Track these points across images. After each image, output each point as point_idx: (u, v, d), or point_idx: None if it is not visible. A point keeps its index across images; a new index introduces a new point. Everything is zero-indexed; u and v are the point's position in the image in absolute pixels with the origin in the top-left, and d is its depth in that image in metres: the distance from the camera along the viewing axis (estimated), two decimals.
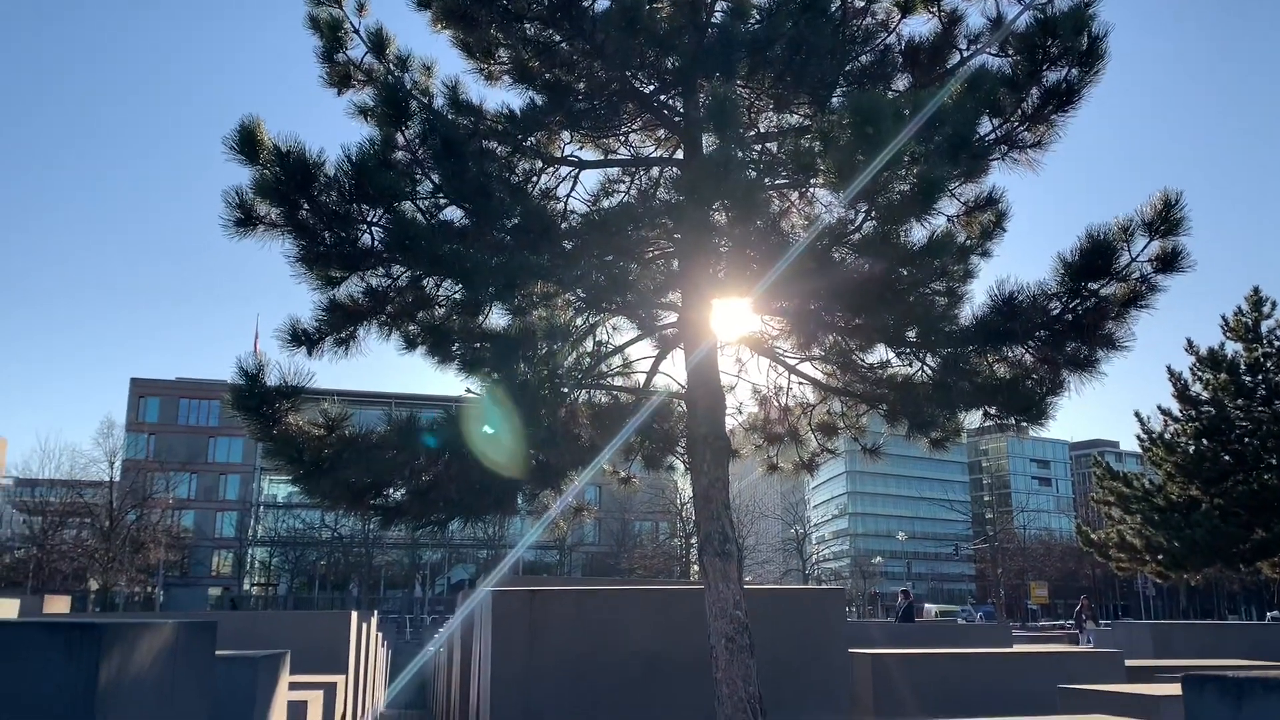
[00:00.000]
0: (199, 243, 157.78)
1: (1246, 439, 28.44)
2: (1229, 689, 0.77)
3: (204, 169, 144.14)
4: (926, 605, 69.49)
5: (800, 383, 8.14)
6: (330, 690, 6.61)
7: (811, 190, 6.99)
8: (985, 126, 6.08)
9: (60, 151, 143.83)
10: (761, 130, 7.23)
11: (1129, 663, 8.87)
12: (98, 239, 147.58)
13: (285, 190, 5.85)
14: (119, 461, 68.52)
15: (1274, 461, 27.84)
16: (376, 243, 6.12)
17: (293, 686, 5.31)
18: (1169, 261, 5.92)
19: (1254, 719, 0.73)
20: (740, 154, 6.15)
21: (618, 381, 7.95)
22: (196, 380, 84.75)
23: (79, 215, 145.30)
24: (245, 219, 6.04)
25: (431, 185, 6.36)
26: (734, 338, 7.70)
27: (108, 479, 66.40)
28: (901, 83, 6.90)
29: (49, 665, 1.74)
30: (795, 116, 7.18)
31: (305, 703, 5.13)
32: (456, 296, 6.73)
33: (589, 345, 7.72)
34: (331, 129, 7.33)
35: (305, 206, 5.96)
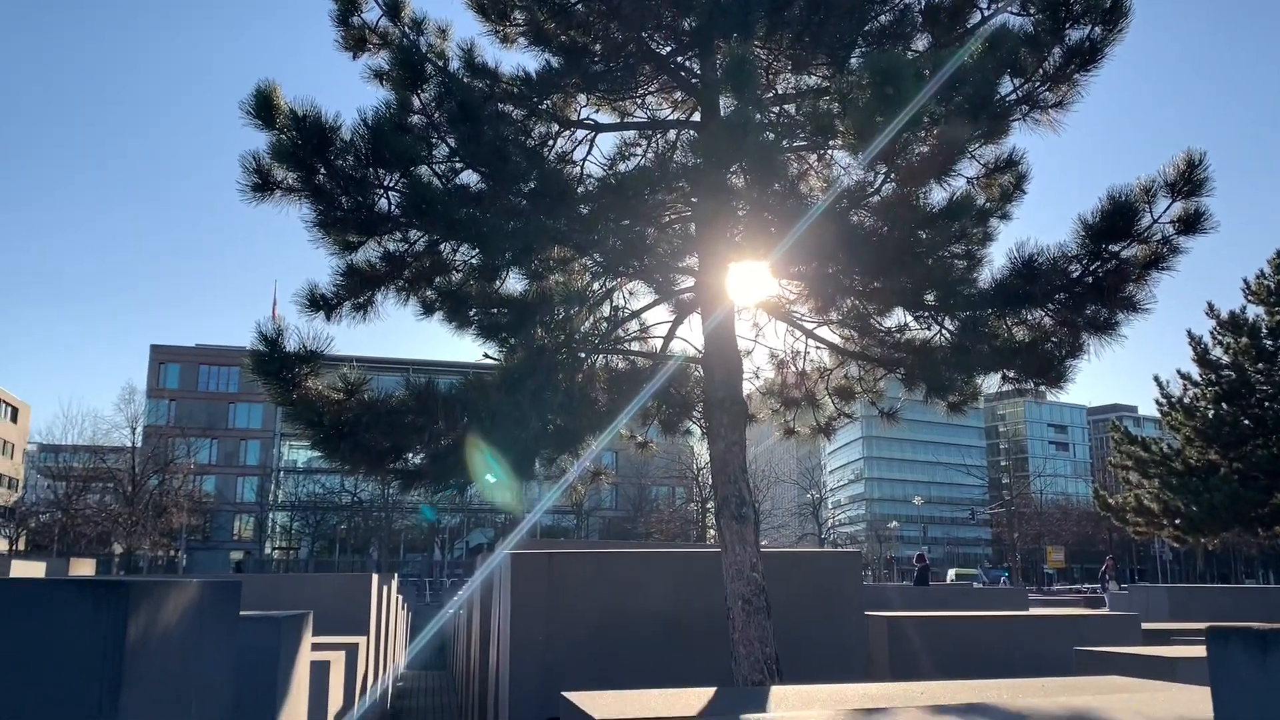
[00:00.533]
0: (217, 209, 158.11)
1: (1267, 403, 28.24)
2: (1254, 641, 0.77)
3: (224, 134, 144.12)
4: (949, 570, 69.84)
5: (817, 347, 8.13)
6: (352, 651, 6.70)
7: (830, 152, 6.93)
8: (1006, 86, 6.00)
9: (80, 117, 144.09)
10: (779, 92, 7.16)
11: (1146, 626, 8.88)
12: (117, 206, 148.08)
13: (301, 155, 5.85)
14: (140, 427, 69.20)
15: None
16: (393, 207, 6.11)
17: (315, 647, 5.38)
18: (1191, 223, 5.85)
19: (1279, 670, 0.74)
20: (758, 116, 6.10)
21: (634, 346, 7.95)
22: (216, 346, 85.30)
23: (99, 182, 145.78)
24: (262, 184, 6.04)
25: (447, 149, 6.34)
26: (751, 302, 7.69)
27: (129, 445, 67.11)
28: (921, 42, 6.81)
29: (79, 621, 1.77)
30: (813, 78, 7.10)
31: (328, 663, 5.20)
32: (473, 261, 6.73)
33: (606, 310, 7.72)
34: (348, 93, 7.31)
35: (322, 171, 5.95)
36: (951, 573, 70.17)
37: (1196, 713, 2.55)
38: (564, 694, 4.18)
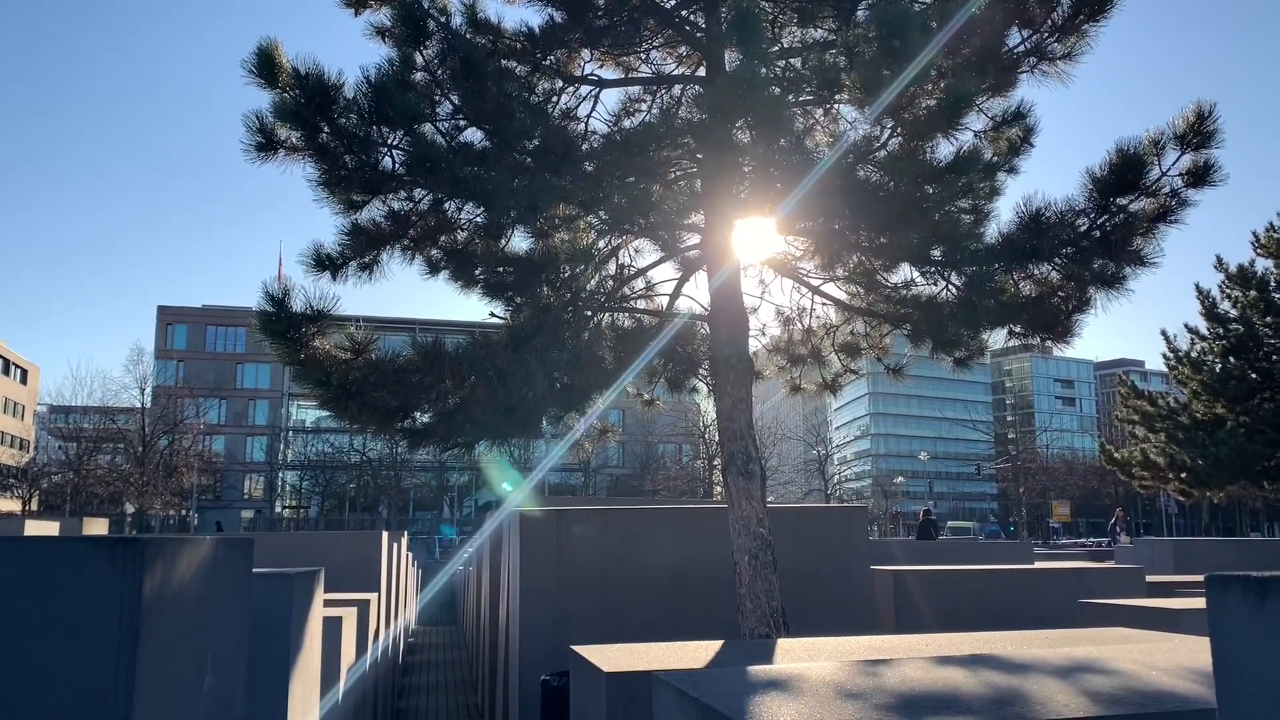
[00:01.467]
0: (223, 169, 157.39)
1: (1275, 356, 28.18)
2: (1253, 588, 0.78)
3: (229, 93, 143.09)
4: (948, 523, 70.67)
5: (824, 303, 8.12)
6: (364, 607, 6.78)
7: (836, 107, 6.88)
8: (1014, 38, 5.94)
9: (85, 79, 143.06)
10: (785, 45, 7.09)
11: (1150, 578, 8.93)
12: (123, 168, 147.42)
13: (305, 113, 5.82)
14: (149, 388, 69.52)
15: None
16: (397, 165, 6.09)
17: (327, 604, 5.45)
18: (1200, 175, 5.81)
19: (1277, 616, 0.75)
20: (764, 70, 6.05)
21: (640, 304, 7.95)
22: (223, 307, 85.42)
23: (105, 144, 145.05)
24: (266, 143, 6.02)
25: (451, 106, 6.30)
26: (757, 259, 7.67)
27: (139, 405, 67.48)
28: None
29: (95, 579, 1.79)
30: (820, 31, 7.03)
31: (340, 619, 5.26)
32: (478, 220, 6.71)
33: (612, 268, 7.71)
34: (350, 50, 7.25)
35: (325, 130, 5.93)
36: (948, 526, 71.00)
37: (1198, 663, 2.58)
38: (573, 648, 4.24)
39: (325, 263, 6.47)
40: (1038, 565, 10.58)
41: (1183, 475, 28.59)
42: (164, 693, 1.99)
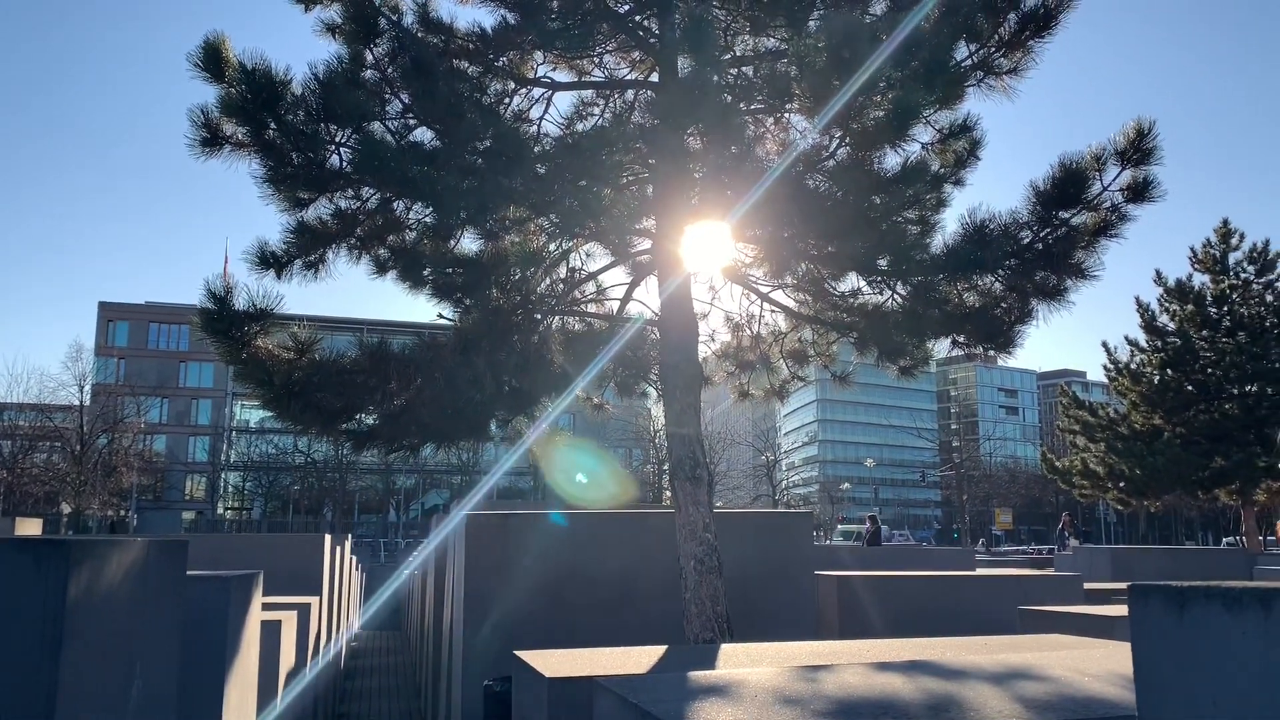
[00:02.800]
0: (168, 164, 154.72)
1: (1210, 369, 28.89)
2: (1173, 597, 0.80)
3: (174, 87, 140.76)
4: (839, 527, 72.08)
5: (773, 310, 8.17)
6: (304, 611, 6.68)
7: (787, 116, 6.92)
8: (962, 52, 6.03)
9: (26, 69, 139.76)
10: (737, 54, 7.13)
11: (1088, 585, 9.10)
12: (64, 160, 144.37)
13: (251, 109, 5.73)
14: (88, 386, 68.01)
15: (1235, 392, 28.36)
16: (345, 164, 6.02)
17: (266, 607, 5.36)
18: (1140, 191, 5.93)
19: (1195, 624, 0.76)
20: (716, 77, 6.08)
21: (591, 308, 7.94)
22: (167, 304, 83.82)
23: (45, 135, 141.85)
24: (211, 138, 5.92)
25: (401, 105, 6.24)
26: (708, 265, 7.69)
27: (77, 403, 65.96)
28: (879, 6, 6.81)
29: (19, 580, 1.74)
30: (772, 40, 7.08)
31: (279, 622, 5.18)
32: (427, 220, 6.66)
33: (562, 271, 7.69)
34: (299, 47, 7.16)
35: (272, 126, 5.84)
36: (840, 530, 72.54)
37: (1130, 669, 2.63)
38: (516, 653, 4.21)
39: (270, 261, 6.38)
40: (979, 572, 10.73)
41: (1121, 484, 29.20)
42: (89, 697, 1.94)
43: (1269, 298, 29.50)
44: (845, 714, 2.09)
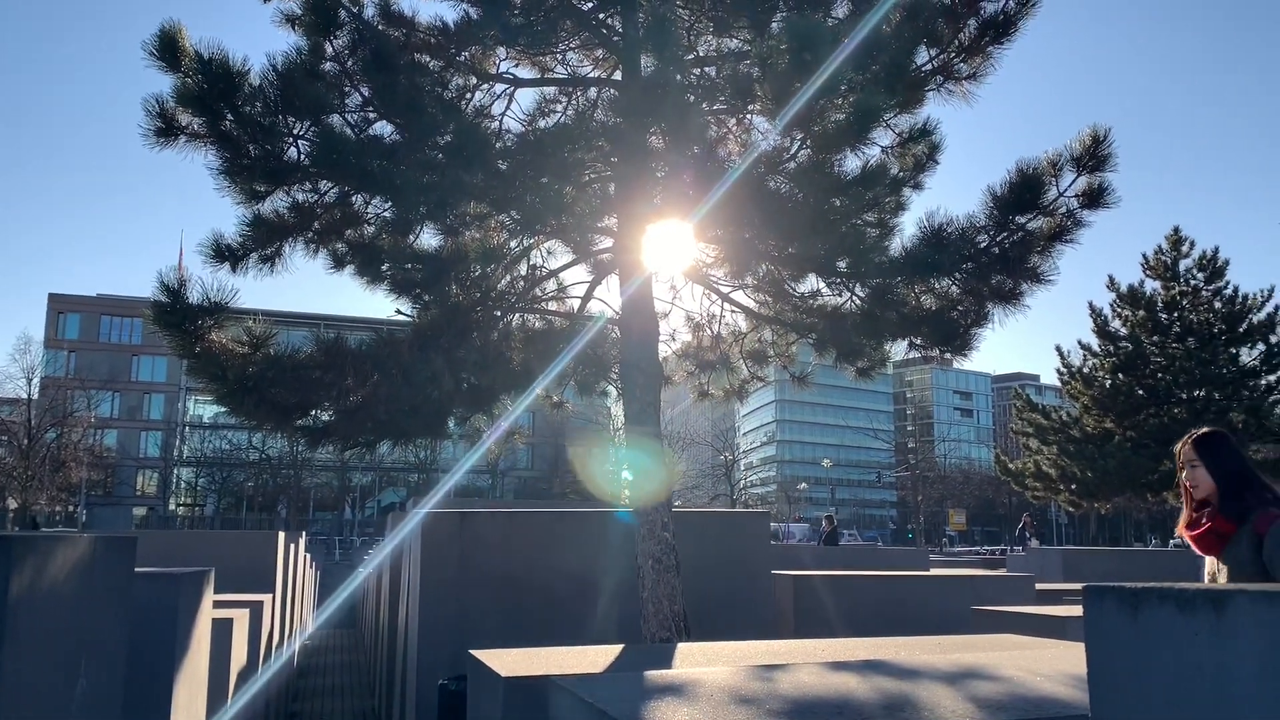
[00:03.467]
0: (121, 153, 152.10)
1: (1160, 374, 29.44)
2: (1126, 598, 0.81)
3: (129, 76, 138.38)
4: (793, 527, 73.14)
5: (733, 311, 8.19)
6: (257, 609, 6.59)
7: (749, 117, 6.94)
8: (922, 56, 6.08)
9: None
10: (700, 54, 7.13)
11: (1040, 586, 9.22)
12: (13, 149, 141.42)
13: (208, 99, 5.64)
14: (37, 379, 66.64)
15: (1184, 396, 28.93)
16: (303, 156, 5.95)
17: (218, 605, 5.28)
18: (1095, 197, 6.02)
19: (1149, 625, 0.77)
20: (678, 77, 6.08)
21: (552, 306, 7.90)
22: (119, 297, 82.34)
23: None
24: (166, 129, 5.82)
25: (361, 99, 6.18)
26: (669, 264, 7.69)
27: (25, 396, 64.61)
28: (842, 9, 6.85)
29: None
30: (735, 41, 7.09)
31: (231, 621, 5.11)
32: (386, 214, 6.59)
33: (523, 268, 7.65)
34: (258, 38, 7.06)
35: (229, 117, 5.75)
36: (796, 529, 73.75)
37: (1080, 669, 2.67)
38: (471, 652, 4.18)
39: (225, 254, 6.28)
40: (934, 572, 10.84)
41: (1073, 486, 29.66)
42: (32, 696, 1.89)
43: (1217, 304, 30.11)
44: (801, 714, 2.09)
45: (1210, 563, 4.07)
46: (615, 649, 4.25)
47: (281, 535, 9.88)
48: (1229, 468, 4.05)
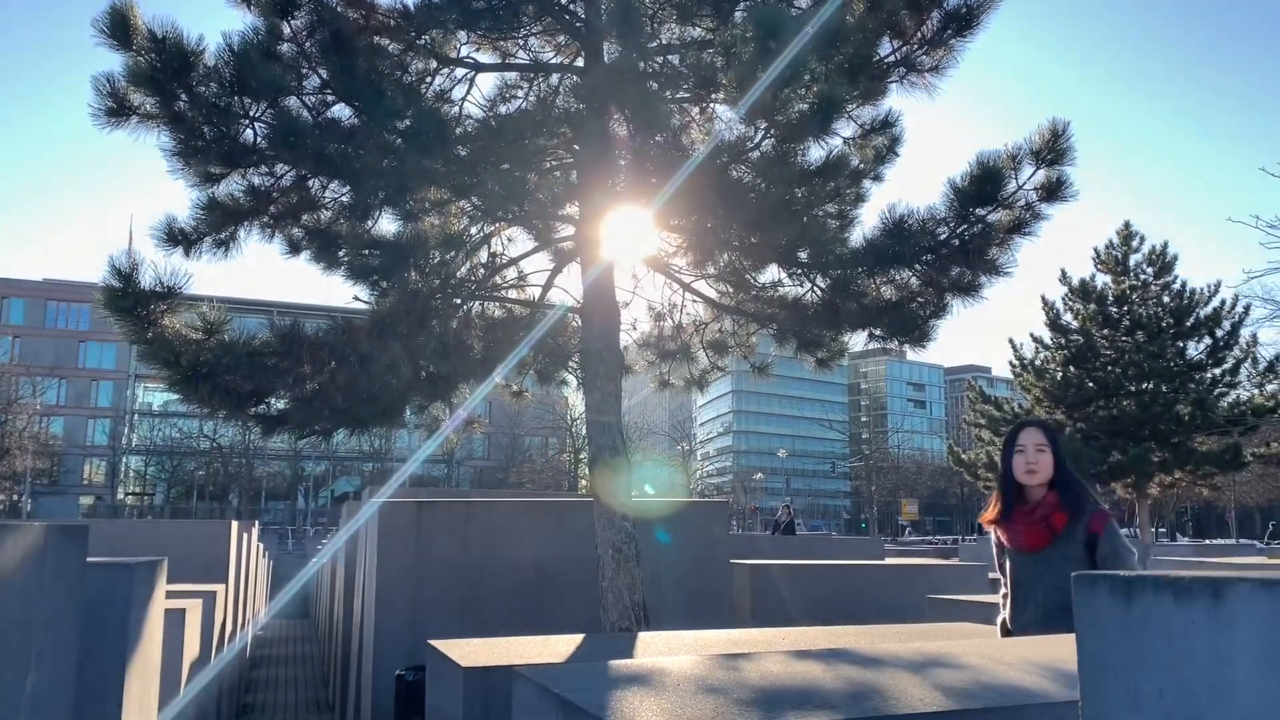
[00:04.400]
0: (69, 133, 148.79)
1: (1110, 367, 29.98)
2: (1119, 587, 0.80)
3: (76, 54, 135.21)
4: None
5: (694, 300, 8.18)
6: (210, 599, 6.48)
7: (712, 106, 6.92)
8: (885, 48, 6.10)
9: None
10: (664, 41, 7.10)
11: (992, 575, 9.35)
12: None
13: (161, 79, 5.51)
14: None
15: (1133, 389, 29.50)
16: (259, 139, 5.83)
17: (170, 595, 5.18)
18: (1054, 190, 6.08)
19: (1143, 613, 0.77)
20: (642, 64, 6.05)
21: (512, 294, 7.85)
22: (66, 281, 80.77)
23: None
24: (118, 109, 5.68)
25: (319, 81, 6.06)
26: (631, 253, 7.67)
27: None
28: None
29: None
30: (698, 29, 7.07)
31: (183, 611, 5.01)
32: (344, 199, 6.49)
33: (483, 256, 7.58)
34: (213, 18, 6.91)
35: (182, 97, 5.63)
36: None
37: (1040, 657, 2.69)
38: (430, 642, 4.14)
39: (178, 237, 6.16)
40: (889, 561, 10.95)
41: None
42: None
43: (1166, 299, 30.71)
44: (768, 702, 2.08)
45: (1017, 557, 4.00)
46: (576, 638, 4.23)
47: (234, 524, 9.74)
48: (1065, 459, 4.01)
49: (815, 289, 7.08)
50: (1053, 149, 5.93)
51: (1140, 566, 3.71)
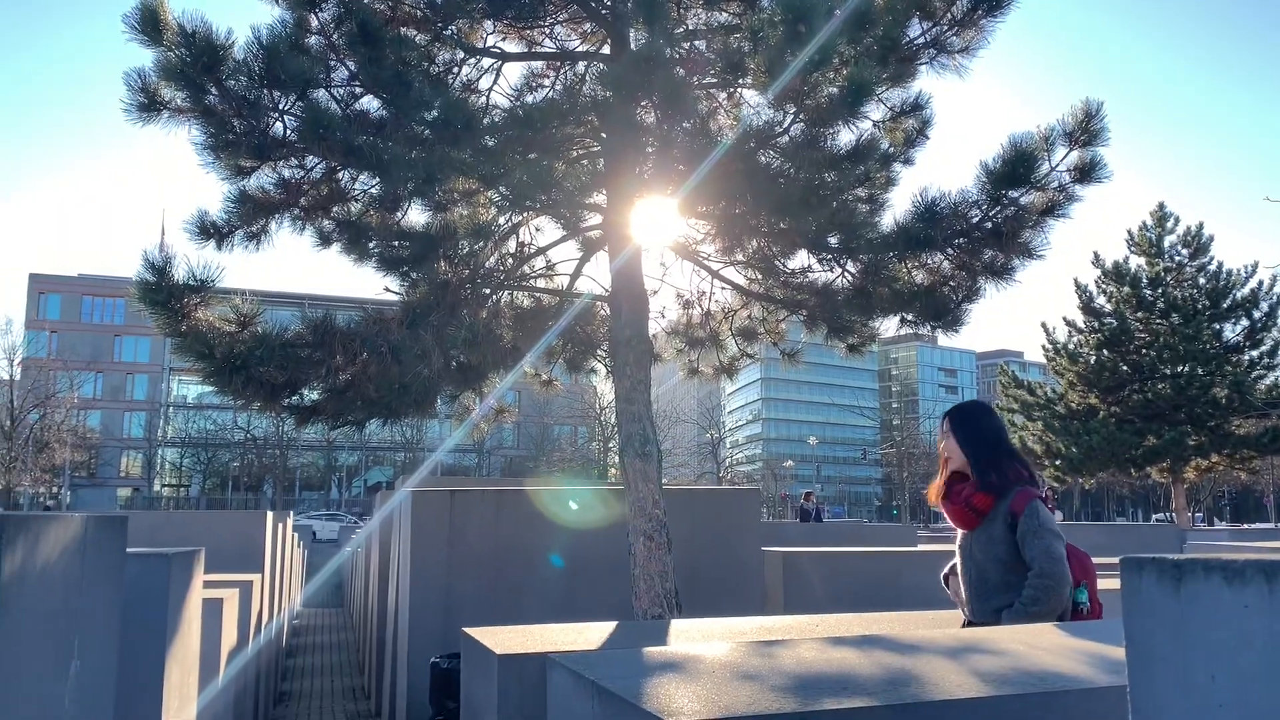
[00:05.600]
0: (103, 130, 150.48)
1: (1144, 350, 29.61)
2: (1168, 570, 0.79)
3: (110, 50, 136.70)
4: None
5: (723, 287, 8.16)
6: (246, 589, 6.55)
7: (740, 91, 6.88)
8: (915, 29, 6.03)
9: None
10: (690, 27, 7.06)
11: None
12: None
13: (191, 73, 5.55)
14: (19, 360, 66.21)
15: (1168, 372, 29.12)
16: (289, 131, 5.87)
17: (208, 585, 5.24)
18: (1087, 171, 6.00)
19: (1193, 597, 0.76)
20: (668, 50, 6.02)
21: (540, 283, 7.86)
22: (101, 276, 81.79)
23: None
24: (149, 103, 5.73)
25: (347, 72, 6.09)
26: (659, 241, 7.65)
27: (7, 377, 64.19)
28: None
29: None
30: (725, 14, 7.02)
31: (221, 600, 5.07)
32: (373, 191, 6.53)
33: (511, 245, 7.59)
34: (242, 11, 6.95)
35: (212, 91, 5.67)
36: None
37: (1078, 643, 2.66)
38: (464, 630, 4.16)
39: (210, 231, 6.21)
40: (921, 548, 10.89)
41: (1058, 462, 29.84)
42: (25, 679, 1.86)
43: (1201, 280, 30.28)
44: (803, 689, 2.07)
45: (962, 534, 4.14)
46: (609, 626, 4.23)
47: (269, 515, 9.84)
48: (984, 440, 4.10)
49: (845, 274, 7.03)
50: (1086, 129, 5.85)
51: (1058, 550, 3.80)
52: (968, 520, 4.05)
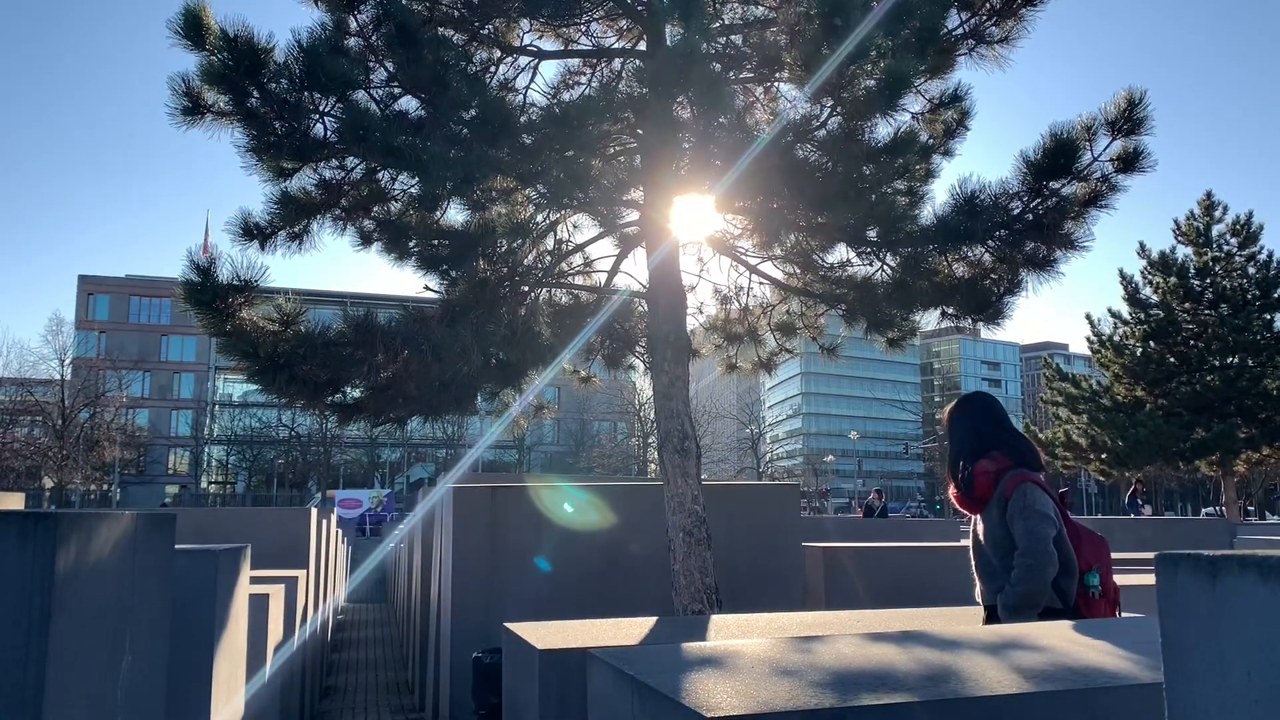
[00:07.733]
0: (149, 134, 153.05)
1: (1192, 341, 29.09)
2: (1203, 567, 0.78)
3: (154, 55, 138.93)
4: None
5: (761, 282, 8.14)
6: (291, 585, 6.65)
7: (776, 85, 6.86)
8: (953, 20, 5.98)
9: (5, 41, 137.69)
10: (726, 22, 7.05)
11: None
12: (42, 130, 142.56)
13: (233, 77, 5.63)
14: (69, 359, 67.51)
15: (1216, 364, 28.59)
16: (329, 133, 5.94)
17: (254, 581, 5.33)
18: (1130, 161, 5.91)
19: (1228, 595, 0.75)
20: (705, 46, 6.01)
21: (578, 280, 7.88)
22: (147, 277, 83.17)
23: (23, 105, 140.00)
24: (193, 107, 5.82)
25: (386, 74, 6.15)
26: (696, 237, 7.65)
27: (58, 377, 65.51)
28: None
29: (5, 555, 1.71)
30: (761, 9, 7.00)
31: (267, 596, 5.15)
32: (413, 190, 6.58)
33: (549, 243, 7.63)
34: (282, 14, 7.05)
35: (254, 94, 5.75)
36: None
37: (1121, 639, 2.64)
38: (506, 625, 4.20)
39: (253, 232, 6.30)
40: (963, 543, 10.79)
41: (1103, 456, 29.41)
42: (79, 673, 1.91)
43: (1251, 270, 29.68)
44: (843, 684, 2.07)
45: (975, 520, 4.29)
46: (649, 621, 4.25)
47: (314, 511, 9.96)
48: (981, 430, 4.28)
49: (885, 268, 6.98)
50: (1129, 118, 5.76)
51: (1042, 530, 3.91)
52: (972, 507, 4.22)
